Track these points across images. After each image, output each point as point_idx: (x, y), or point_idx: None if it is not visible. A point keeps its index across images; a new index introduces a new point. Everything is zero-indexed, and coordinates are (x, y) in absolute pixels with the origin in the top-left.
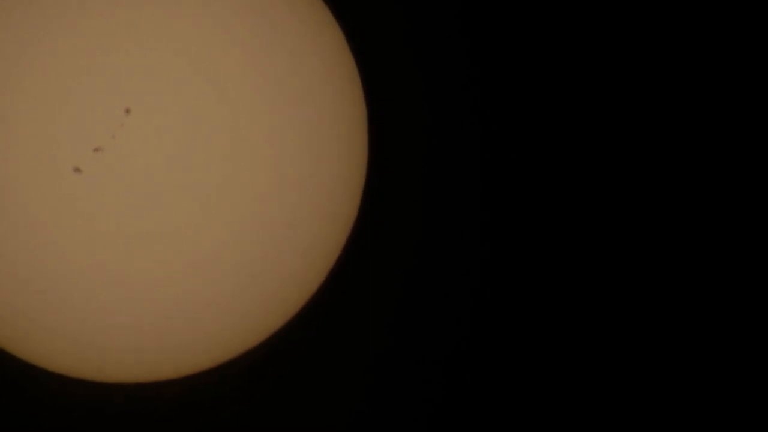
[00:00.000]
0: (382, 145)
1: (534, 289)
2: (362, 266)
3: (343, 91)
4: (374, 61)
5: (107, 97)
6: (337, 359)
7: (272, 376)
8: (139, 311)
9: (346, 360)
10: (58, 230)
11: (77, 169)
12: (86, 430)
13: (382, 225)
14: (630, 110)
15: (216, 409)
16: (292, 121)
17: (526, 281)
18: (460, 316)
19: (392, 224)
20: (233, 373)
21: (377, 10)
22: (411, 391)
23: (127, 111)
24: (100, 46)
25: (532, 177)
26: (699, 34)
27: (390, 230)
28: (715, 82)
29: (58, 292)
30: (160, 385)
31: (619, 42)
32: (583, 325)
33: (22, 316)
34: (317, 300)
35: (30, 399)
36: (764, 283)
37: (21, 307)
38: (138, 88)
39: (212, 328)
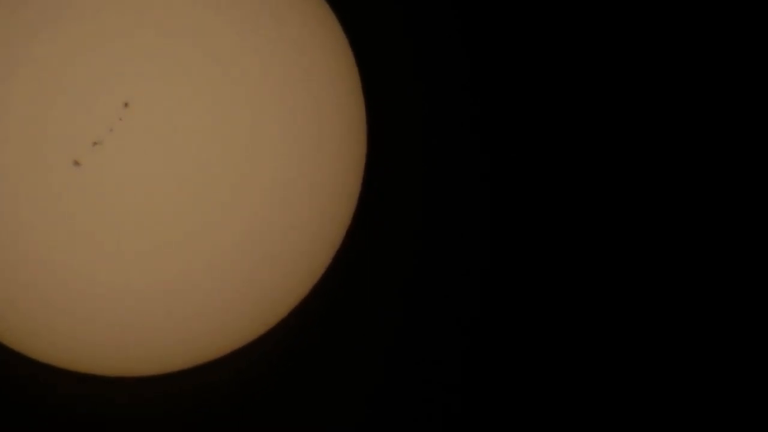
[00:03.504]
0: (381, 145)
1: (534, 288)
2: (359, 266)
3: (343, 90)
4: (374, 61)
5: (106, 91)
6: (333, 358)
7: (266, 374)
8: (137, 306)
9: (343, 359)
10: (57, 223)
11: (76, 163)
12: (83, 425)
13: (381, 225)
14: (629, 110)
15: (210, 405)
16: (290, 119)
17: (526, 281)
18: (460, 316)
19: (390, 224)
20: (226, 371)
21: (378, 9)
22: (410, 391)
23: (126, 105)
24: (99, 41)
25: (532, 177)
26: (699, 35)
27: (388, 230)
28: (715, 82)
29: (55, 286)
30: (159, 379)
31: (619, 42)
32: (583, 324)
33: (20, 310)
34: (313, 299)
35: (27, 393)
36: (764, 283)
37: (19, 301)
38: (136, 82)
39: (207, 325)
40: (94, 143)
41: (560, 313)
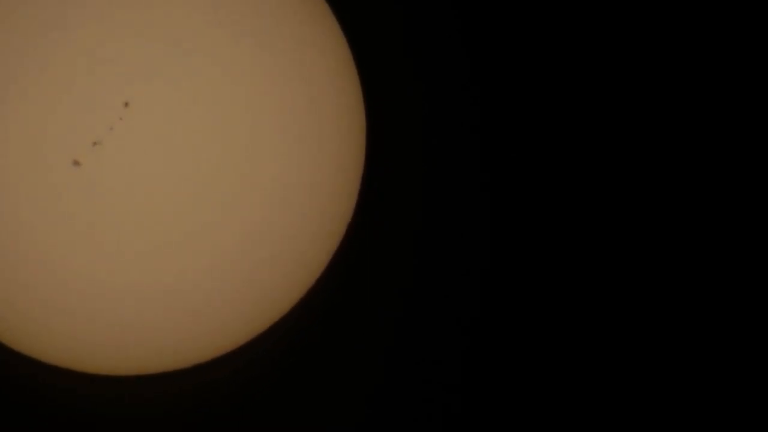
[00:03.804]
0: (380, 145)
1: (533, 288)
2: (359, 266)
3: (342, 90)
4: (374, 61)
5: (106, 90)
6: (333, 358)
7: (265, 374)
8: (135, 305)
9: (343, 359)
10: (57, 223)
11: (76, 162)
12: (83, 424)
13: (381, 225)
14: (628, 110)
15: (210, 404)
16: (290, 119)
17: (526, 281)
18: (460, 316)
19: (390, 224)
20: (226, 371)
21: (377, 9)
22: (410, 391)
23: (126, 104)
24: (99, 41)
25: (532, 177)
26: (698, 35)
27: (388, 230)
28: (716, 82)
29: (55, 285)
30: (159, 378)
31: (619, 42)
32: (583, 324)
33: (20, 310)
34: (313, 299)
35: (27, 393)
36: (764, 283)
37: (19, 300)
38: (136, 82)
39: (207, 325)
40: (94, 143)
41: (560, 312)
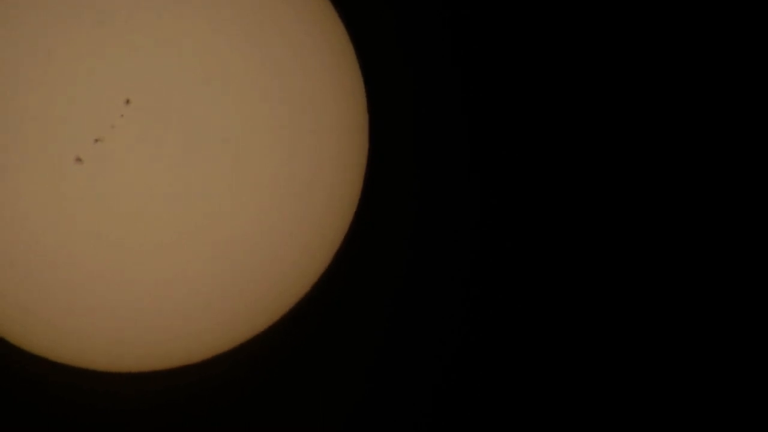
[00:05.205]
0: (382, 145)
1: (534, 288)
2: (359, 266)
3: (344, 89)
4: (376, 59)
5: (108, 88)
6: (332, 358)
7: (264, 374)
8: (134, 303)
9: (342, 359)
10: (59, 220)
11: (78, 159)
12: (81, 419)
13: (381, 225)
14: (628, 111)
15: (209, 403)
16: (291, 117)
17: (526, 281)
18: (460, 316)
19: (390, 224)
20: (224, 370)
21: (381, 9)
22: (410, 391)
23: (127, 102)
24: (101, 38)
25: (531, 178)
26: (696, 35)
27: (388, 230)
28: (711, 81)
29: (56, 282)
30: (159, 376)
31: (619, 45)
32: (582, 324)
33: (21, 306)
34: (312, 299)
35: (27, 389)
36: (764, 283)
37: (20, 296)
38: (138, 79)
39: (206, 323)
40: (96, 140)
41: (559, 312)
